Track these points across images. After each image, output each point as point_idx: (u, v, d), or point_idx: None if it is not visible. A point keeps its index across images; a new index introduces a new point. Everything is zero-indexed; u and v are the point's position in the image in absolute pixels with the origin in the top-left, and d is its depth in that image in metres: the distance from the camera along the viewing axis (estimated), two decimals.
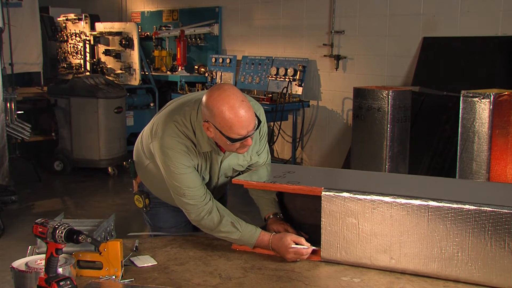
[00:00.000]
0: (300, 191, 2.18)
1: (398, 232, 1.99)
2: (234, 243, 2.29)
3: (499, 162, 3.81)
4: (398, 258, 2.00)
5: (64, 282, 1.76)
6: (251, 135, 2.12)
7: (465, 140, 3.87)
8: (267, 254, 2.22)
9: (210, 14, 8.12)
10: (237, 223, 2.26)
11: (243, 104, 2.05)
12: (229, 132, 2.06)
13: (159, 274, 2.02)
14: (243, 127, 2.06)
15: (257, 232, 2.25)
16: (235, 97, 2.05)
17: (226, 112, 2.03)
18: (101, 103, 6.72)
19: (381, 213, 2.00)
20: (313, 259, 2.15)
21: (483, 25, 5.20)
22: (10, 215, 5.38)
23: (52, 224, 1.77)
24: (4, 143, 5.77)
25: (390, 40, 6.00)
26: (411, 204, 1.96)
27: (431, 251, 1.95)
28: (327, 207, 2.08)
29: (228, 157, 2.35)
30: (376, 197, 2.01)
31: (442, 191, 2.13)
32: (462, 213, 1.90)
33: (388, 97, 4.65)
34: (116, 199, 6.12)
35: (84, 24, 8.73)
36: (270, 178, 2.31)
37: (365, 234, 2.04)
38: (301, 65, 6.71)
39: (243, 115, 2.04)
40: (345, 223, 2.06)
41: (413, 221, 1.97)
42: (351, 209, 2.04)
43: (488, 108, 3.74)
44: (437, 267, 1.95)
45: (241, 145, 2.14)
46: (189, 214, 2.28)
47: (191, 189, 2.23)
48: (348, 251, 2.08)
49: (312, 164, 6.94)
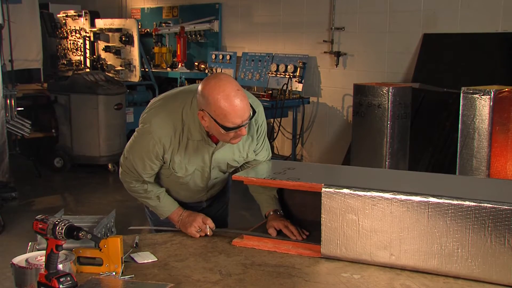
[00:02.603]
0: (300, 187, 2.18)
1: (398, 228, 1.99)
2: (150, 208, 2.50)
3: (499, 158, 3.81)
4: (398, 255, 2.00)
5: (64, 278, 1.76)
6: (245, 125, 2.12)
7: (465, 136, 3.87)
8: (267, 250, 2.22)
9: (210, 11, 8.11)
10: (161, 195, 2.43)
11: (238, 93, 2.07)
12: (224, 121, 2.07)
13: (159, 271, 2.02)
14: (238, 116, 2.07)
15: (173, 209, 2.44)
16: (230, 86, 2.07)
17: (221, 101, 2.05)
18: (101, 99, 6.71)
19: (381, 210, 2.00)
20: (313, 256, 2.15)
21: (483, 21, 5.20)
22: (10, 212, 5.39)
23: (52, 221, 1.77)
24: (4, 139, 5.77)
25: (390, 36, 6.00)
26: (411, 201, 1.96)
27: (431, 247, 1.95)
28: (327, 204, 2.07)
29: (220, 150, 2.33)
30: (376, 193, 2.01)
31: (442, 188, 2.13)
32: (462, 210, 1.90)
33: (388, 94, 4.65)
34: (116, 196, 6.12)
35: (84, 21, 8.72)
36: (270, 174, 2.31)
37: (365, 231, 2.04)
38: (301, 61, 6.70)
39: (238, 104, 2.06)
40: (345, 219, 2.06)
41: (413, 218, 1.96)
42: (351, 206, 2.04)
43: (488, 104, 3.74)
44: (437, 264, 1.95)
45: (235, 135, 2.14)
46: (121, 173, 2.42)
47: (136, 167, 2.32)
48: (348, 247, 2.07)
49: (312, 161, 6.94)
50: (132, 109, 7.50)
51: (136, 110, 7.56)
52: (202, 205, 2.64)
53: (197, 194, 2.54)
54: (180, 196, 2.53)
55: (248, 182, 2.30)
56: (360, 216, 2.03)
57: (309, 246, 2.20)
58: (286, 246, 2.23)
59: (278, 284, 1.92)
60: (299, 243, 2.24)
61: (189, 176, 2.38)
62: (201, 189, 2.50)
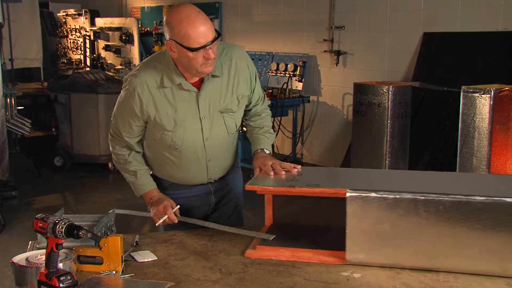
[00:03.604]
0: (322, 194, 2.07)
1: (427, 229, 1.94)
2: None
3: (499, 157, 3.81)
4: (427, 255, 1.96)
5: (65, 277, 1.76)
6: (211, 46, 2.14)
7: (465, 135, 3.87)
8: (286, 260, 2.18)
9: (210, 10, 8.10)
10: (139, 172, 2.44)
11: (199, 14, 2.14)
12: (189, 42, 2.11)
13: (159, 269, 2.02)
14: (200, 35, 2.11)
15: (147, 189, 2.44)
16: (191, 8, 2.15)
17: (183, 21, 2.11)
18: (101, 98, 6.72)
19: (408, 211, 1.94)
20: (337, 263, 2.05)
21: (483, 20, 5.20)
22: (10, 211, 5.39)
23: (52, 220, 1.77)
24: (4, 138, 5.77)
25: (390, 35, 6.00)
26: (439, 200, 1.91)
27: (463, 247, 1.91)
28: (352, 208, 1.99)
29: (205, 94, 2.29)
30: (403, 195, 1.94)
31: (464, 186, 2.09)
32: (498, 207, 1.86)
33: (388, 93, 4.65)
34: (116, 195, 6.12)
35: (84, 20, 8.72)
36: (284, 182, 2.18)
37: (392, 233, 1.98)
38: (301, 60, 6.70)
39: (200, 23, 2.11)
40: (371, 223, 1.99)
41: (442, 217, 1.91)
42: (377, 209, 1.97)
43: (488, 103, 3.74)
44: (468, 263, 1.92)
45: (203, 60, 2.15)
46: (109, 138, 2.48)
47: (117, 125, 2.39)
48: (375, 252, 2.00)
49: (313, 160, 6.94)
50: None
51: None
52: (211, 201, 2.57)
53: (198, 166, 2.44)
54: (186, 174, 2.46)
55: (263, 191, 2.18)
56: (386, 218, 1.97)
57: (332, 253, 2.09)
58: (307, 255, 2.09)
59: (278, 283, 1.91)
60: (321, 251, 2.11)
61: (181, 131, 2.32)
62: (200, 155, 2.41)
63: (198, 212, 2.56)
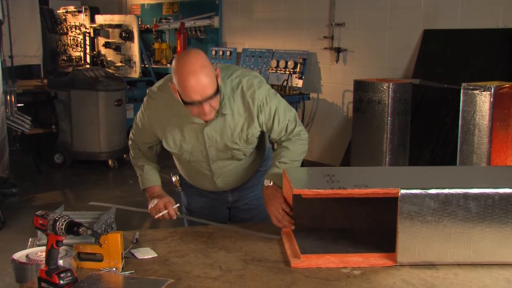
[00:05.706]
0: (374, 194, 2.01)
1: (478, 224, 1.95)
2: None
3: (499, 154, 3.81)
4: (479, 251, 1.97)
5: (65, 274, 1.76)
6: (207, 102, 2.09)
7: (466, 132, 3.87)
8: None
9: (210, 7, 8.10)
10: (146, 167, 2.55)
11: (202, 70, 2.06)
12: (184, 95, 2.10)
13: (159, 266, 2.02)
14: (196, 92, 2.07)
15: (150, 184, 2.53)
16: (195, 61, 2.07)
17: (184, 75, 2.06)
18: (101, 95, 6.71)
19: (458, 207, 1.94)
20: (387, 265, 2.02)
21: (483, 17, 5.19)
22: (11, 208, 5.39)
23: (52, 216, 1.77)
24: (4, 135, 5.77)
25: (390, 32, 5.99)
26: (489, 194, 1.92)
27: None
28: (405, 208, 1.96)
29: (211, 127, 2.29)
30: (454, 190, 1.94)
31: (500, 180, 2.09)
32: None
33: (388, 90, 4.65)
34: (116, 192, 6.13)
35: (84, 17, 8.72)
36: (324, 184, 2.08)
37: (445, 231, 1.97)
38: (302, 57, 6.70)
39: (198, 80, 2.05)
40: (424, 222, 1.96)
41: (493, 212, 1.92)
42: (430, 207, 1.95)
43: (488, 100, 3.74)
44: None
45: (199, 111, 2.14)
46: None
47: (135, 127, 2.50)
48: (427, 251, 1.99)
49: (313, 157, 6.94)
50: (132, 105, 7.50)
51: (136, 106, 7.56)
52: (228, 198, 2.65)
53: (207, 179, 2.52)
54: (198, 182, 2.59)
55: (312, 194, 2.05)
56: (438, 216, 1.96)
57: (382, 255, 2.05)
58: (356, 259, 2.04)
59: (278, 279, 1.92)
60: (370, 254, 2.06)
61: (188, 154, 2.39)
62: (208, 173, 2.47)
63: (218, 208, 2.68)
